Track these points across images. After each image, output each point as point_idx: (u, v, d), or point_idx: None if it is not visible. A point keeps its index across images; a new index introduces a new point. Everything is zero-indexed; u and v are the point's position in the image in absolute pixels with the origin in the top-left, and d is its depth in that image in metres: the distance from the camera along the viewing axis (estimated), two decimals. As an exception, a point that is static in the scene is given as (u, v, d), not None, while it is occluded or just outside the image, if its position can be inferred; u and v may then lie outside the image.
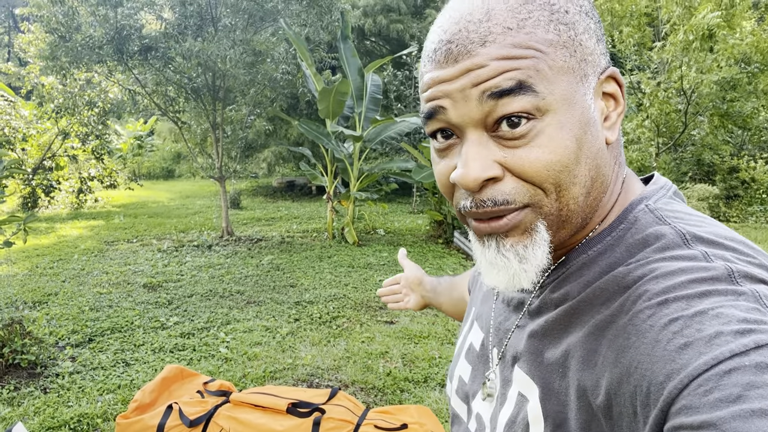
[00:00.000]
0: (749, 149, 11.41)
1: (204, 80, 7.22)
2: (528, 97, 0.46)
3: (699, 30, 8.04)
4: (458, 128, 0.50)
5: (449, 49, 0.48)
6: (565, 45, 0.47)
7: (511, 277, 0.51)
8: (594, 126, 0.50)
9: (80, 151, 10.45)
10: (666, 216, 0.51)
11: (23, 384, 3.25)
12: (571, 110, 0.48)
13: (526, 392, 0.54)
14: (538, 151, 0.47)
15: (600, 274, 0.50)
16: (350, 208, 7.81)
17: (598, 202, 0.52)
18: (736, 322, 0.39)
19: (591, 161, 0.49)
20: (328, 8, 7.47)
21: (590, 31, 0.50)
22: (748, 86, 9.67)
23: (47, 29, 6.69)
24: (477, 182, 0.48)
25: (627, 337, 0.44)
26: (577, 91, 0.48)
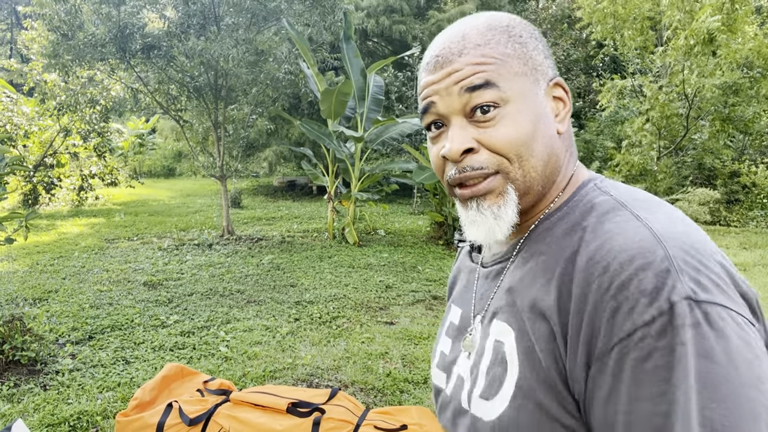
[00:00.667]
0: (750, 154, 11.40)
1: (206, 79, 7.22)
2: (493, 90, 0.64)
3: (700, 34, 8.05)
4: (445, 117, 0.68)
5: (437, 60, 0.67)
6: (519, 57, 0.66)
7: (487, 230, 0.67)
8: (546, 117, 0.67)
9: (81, 148, 10.46)
10: (608, 190, 0.66)
11: (23, 381, 3.26)
12: (527, 102, 0.65)
13: (502, 338, 0.66)
14: (503, 130, 0.64)
15: (561, 234, 0.65)
16: (351, 209, 7.82)
17: (554, 176, 0.69)
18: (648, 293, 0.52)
19: (545, 141, 0.66)
20: (331, 8, 7.48)
21: (538, 50, 0.68)
22: (749, 91, 9.67)
23: (50, 27, 6.69)
24: (459, 152, 0.65)
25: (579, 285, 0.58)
26: (530, 89, 0.66)
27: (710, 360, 0.49)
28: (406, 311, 4.78)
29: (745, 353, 0.50)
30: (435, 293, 5.31)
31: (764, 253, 7.26)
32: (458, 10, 13.03)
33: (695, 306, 0.51)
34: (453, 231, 7.73)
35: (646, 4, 9.54)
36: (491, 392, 0.66)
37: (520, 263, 0.69)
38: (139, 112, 9.04)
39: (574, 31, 14.36)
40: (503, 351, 0.65)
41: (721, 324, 0.51)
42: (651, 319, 0.51)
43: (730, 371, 0.49)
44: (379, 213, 10.26)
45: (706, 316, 0.50)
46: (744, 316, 0.53)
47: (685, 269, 0.53)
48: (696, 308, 0.51)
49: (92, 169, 11.34)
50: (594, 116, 13.51)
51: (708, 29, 7.86)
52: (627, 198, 0.63)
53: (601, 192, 0.66)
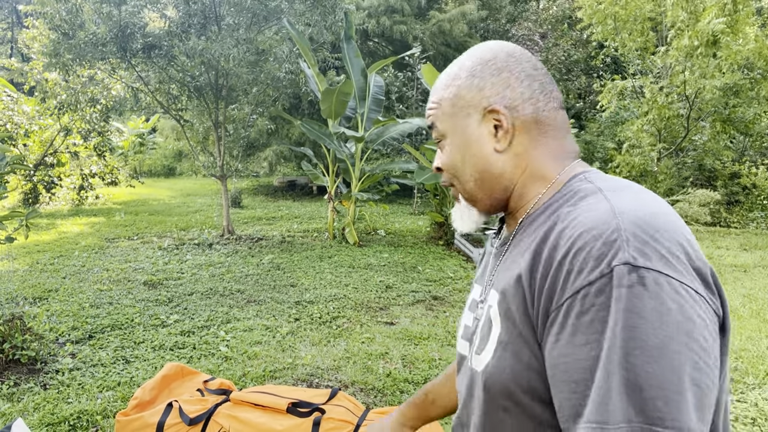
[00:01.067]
0: (751, 155, 11.40)
1: (207, 79, 7.22)
2: (435, 130, 0.86)
3: (704, 35, 8.04)
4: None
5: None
6: (449, 99, 0.83)
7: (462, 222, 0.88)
8: (477, 143, 0.81)
9: (82, 147, 10.46)
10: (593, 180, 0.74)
11: (23, 380, 3.25)
12: (455, 136, 0.83)
13: (491, 302, 0.78)
14: (443, 157, 0.86)
15: (544, 218, 0.74)
16: (351, 209, 7.81)
17: (500, 186, 0.82)
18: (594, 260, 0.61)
19: (474, 162, 0.82)
20: (332, 8, 7.47)
21: (472, 86, 0.81)
22: (750, 92, 9.67)
23: (50, 26, 6.69)
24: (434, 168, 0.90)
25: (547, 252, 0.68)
26: (459, 124, 0.82)
27: (639, 315, 0.56)
28: (407, 311, 4.77)
29: (677, 315, 0.57)
30: (435, 293, 5.31)
31: (764, 254, 7.26)
32: (459, 10, 13.03)
33: (633, 270, 0.58)
34: (453, 231, 7.72)
35: (647, 5, 9.54)
36: (481, 347, 0.78)
37: (513, 243, 0.81)
38: (139, 111, 9.07)
39: (575, 32, 14.35)
40: (490, 313, 0.77)
41: (656, 287, 0.57)
42: (594, 280, 0.60)
43: (657, 327, 0.56)
44: (380, 213, 10.25)
45: (642, 279, 0.57)
46: (688, 285, 0.59)
47: (631, 240, 0.60)
48: (633, 272, 0.58)
49: (92, 168, 11.33)
50: (594, 117, 13.51)
51: (713, 31, 7.86)
52: (606, 185, 0.71)
53: (586, 181, 0.75)
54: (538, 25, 14.59)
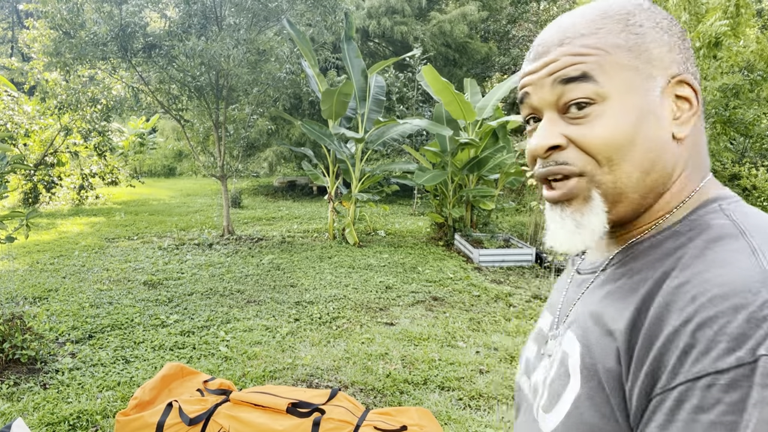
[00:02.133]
0: (751, 157, 11.41)
1: (207, 79, 7.23)
2: (590, 84, 0.58)
3: (706, 37, 8.05)
4: (538, 110, 0.64)
5: (537, 50, 0.64)
6: (630, 49, 0.59)
7: (566, 239, 0.63)
8: (656, 119, 0.59)
9: (82, 147, 10.46)
10: (731, 214, 0.57)
11: (23, 379, 3.25)
12: (631, 100, 0.58)
13: (569, 350, 0.63)
14: (597, 129, 0.59)
15: (662, 254, 0.58)
16: (351, 209, 7.82)
17: (660, 188, 0.61)
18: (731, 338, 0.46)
19: (648, 145, 0.59)
20: (332, 9, 7.48)
21: (661, 41, 0.61)
22: (750, 94, 9.67)
23: (51, 25, 6.70)
24: (543, 148, 0.62)
25: (657, 309, 0.52)
26: (639, 85, 0.59)
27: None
28: (406, 312, 4.77)
29: None
30: (435, 294, 5.31)
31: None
32: (460, 11, 13.03)
33: None
34: (453, 232, 7.73)
35: (648, 6, 9.55)
36: (550, 405, 0.63)
37: (611, 277, 0.64)
38: (139, 111, 9.05)
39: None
40: (567, 364, 0.62)
41: None
42: (726, 368, 0.45)
43: None
44: (380, 214, 10.25)
45: None
46: None
47: None
48: None
49: (93, 168, 11.34)
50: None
51: (716, 33, 7.87)
52: (750, 225, 0.54)
53: (723, 215, 0.58)
54: (538, 26, 14.59)
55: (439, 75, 6.76)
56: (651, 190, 0.60)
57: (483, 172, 7.59)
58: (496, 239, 7.55)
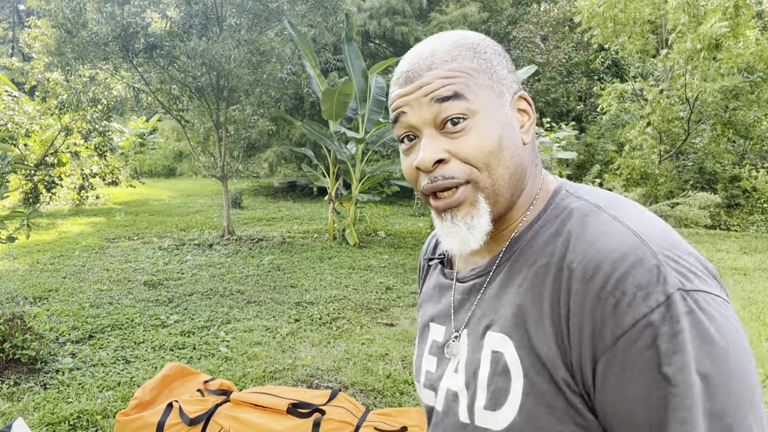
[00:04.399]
0: (751, 158, 11.41)
1: (208, 79, 7.23)
2: (461, 102, 0.66)
3: (706, 39, 8.05)
4: (416, 129, 0.70)
5: (407, 75, 0.70)
6: (485, 71, 0.69)
7: (461, 240, 0.70)
8: (511, 128, 0.69)
9: (83, 147, 10.47)
10: (581, 195, 0.70)
11: (23, 379, 3.26)
12: (493, 114, 0.68)
13: (501, 348, 0.67)
14: (472, 140, 0.67)
15: (545, 241, 0.67)
16: (351, 210, 7.82)
17: (521, 185, 0.71)
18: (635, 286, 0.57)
19: (512, 151, 0.68)
20: (333, 10, 7.48)
21: (502, 65, 0.71)
22: (750, 95, 9.68)
23: (54, 24, 6.70)
24: (431, 162, 0.67)
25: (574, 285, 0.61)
26: (495, 101, 0.69)
27: (709, 342, 0.55)
28: (406, 313, 4.78)
29: (731, 329, 0.56)
30: (435, 295, 5.31)
31: (764, 257, 7.26)
32: (460, 12, 13.04)
33: (686, 295, 0.56)
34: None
35: (647, 8, 9.55)
36: (497, 402, 0.66)
37: (507, 275, 0.70)
38: (140, 111, 9.06)
39: (576, 35, 14.37)
40: (504, 360, 0.66)
41: (708, 308, 0.56)
42: (650, 310, 0.55)
43: (726, 349, 0.55)
44: (380, 214, 10.26)
45: (697, 303, 0.56)
46: (720, 296, 0.59)
47: (669, 263, 0.58)
48: (687, 297, 0.56)
49: (93, 168, 11.34)
50: (595, 120, 13.53)
51: (716, 34, 7.88)
52: (600, 201, 0.67)
53: (575, 197, 0.70)
54: (539, 28, 14.59)
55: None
56: (516, 188, 0.70)
57: (483, 173, 7.58)
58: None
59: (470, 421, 0.70)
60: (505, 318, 0.68)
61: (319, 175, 8.31)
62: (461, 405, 0.72)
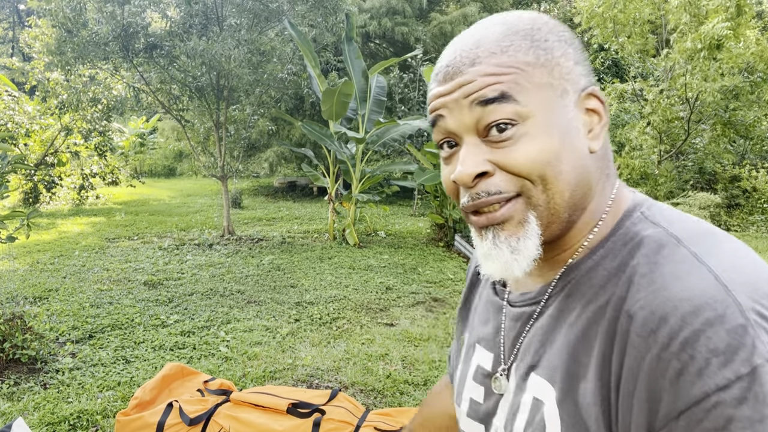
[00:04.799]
0: (751, 158, 11.42)
1: (208, 79, 7.23)
2: (510, 105, 0.55)
3: (707, 39, 8.05)
4: (456, 135, 0.59)
5: (447, 71, 0.59)
6: (543, 65, 0.57)
7: (503, 266, 0.59)
8: (575, 133, 0.58)
9: (83, 147, 10.47)
10: (658, 221, 0.57)
11: (23, 379, 3.26)
12: (551, 117, 0.56)
13: (542, 396, 0.58)
14: (523, 149, 0.55)
15: (605, 277, 0.56)
16: (351, 210, 7.82)
17: (584, 203, 0.59)
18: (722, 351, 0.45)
19: (574, 162, 0.57)
20: (334, 10, 7.49)
21: (568, 55, 0.59)
22: (750, 95, 9.68)
23: (54, 23, 6.70)
24: (470, 176, 0.57)
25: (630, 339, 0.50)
26: (556, 102, 0.57)
27: None
28: (407, 313, 4.78)
29: None
30: (435, 295, 5.31)
31: (765, 257, 7.25)
32: (460, 12, 13.04)
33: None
34: (453, 233, 7.73)
35: (647, 8, 9.55)
36: None
37: (559, 309, 0.60)
38: (140, 111, 9.06)
39: (576, 35, 14.37)
40: (542, 412, 0.57)
41: None
42: (726, 384, 0.43)
43: None
44: (380, 214, 10.26)
45: None
46: None
47: (761, 324, 0.45)
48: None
49: (93, 168, 11.34)
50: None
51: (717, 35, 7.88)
52: (681, 231, 0.54)
53: (650, 223, 0.57)
54: (539, 28, 14.61)
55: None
56: (577, 207, 0.58)
57: (483, 173, 7.58)
58: (497, 240, 7.54)
59: None
60: (551, 362, 0.58)
61: (319, 175, 8.31)
62: None
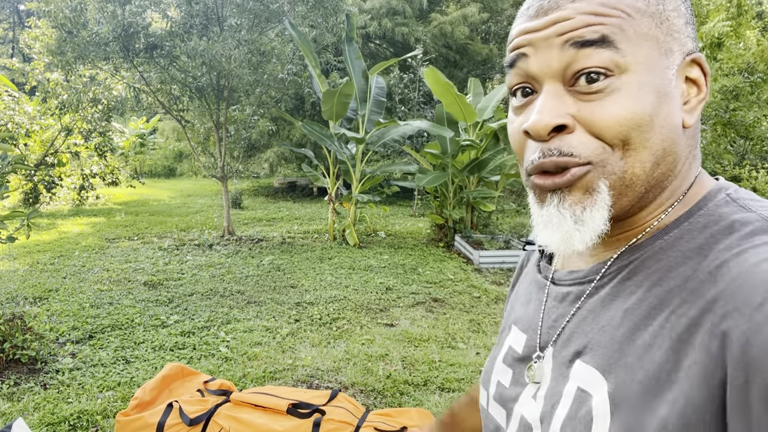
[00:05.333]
0: (751, 159, 11.42)
1: (208, 79, 7.23)
2: (609, 52, 0.48)
3: (708, 38, 8.07)
4: (536, 80, 0.52)
5: (541, 4, 0.52)
6: (652, 15, 0.50)
7: (564, 235, 0.52)
8: (672, 100, 0.51)
9: (83, 147, 10.47)
10: (749, 205, 0.50)
11: (23, 379, 3.26)
12: (651, 76, 0.49)
13: (588, 387, 0.51)
14: (612, 107, 0.48)
15: (682, 260, 0.49)
16: (351, 210, 7.82)
17: (666, 179, 0.52)
18: None
19: (665, 131, 0.50)
20: (334, 10, 7.49)
21: (680, 11, 0.52)
22: (750, 96, 9.68)
23: (54, 24, 6.70)
24: (547, 128, 0.50)
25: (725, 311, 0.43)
26: (659, 61, 0.50)
27: None
28: (407, 313, 4.78)
29: None
30: (435, 295, 5.31)
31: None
32: (460, 12, 13.05)
33: None
34: (453, 233, 7.73)
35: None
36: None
37: (613, 291, 0.53)
38: (140, 111, 9.06)
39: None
40: (589, 405, 0.50)
41: None
42: None
43: None
44: (380, 215, 10.26)
45: None
46: None
47: None
48: None
49: (93, 168, 11.34)
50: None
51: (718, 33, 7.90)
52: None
53: (739, 207, 0.50)
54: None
55: (443, 76, 6.75)
56: (657, 184, 0.52)
57: (483, 174, 7.60)
58: (497, 241, 7.55)
59: None
60: (604, 349, 0.51)
61: (320, 176, 8.31)
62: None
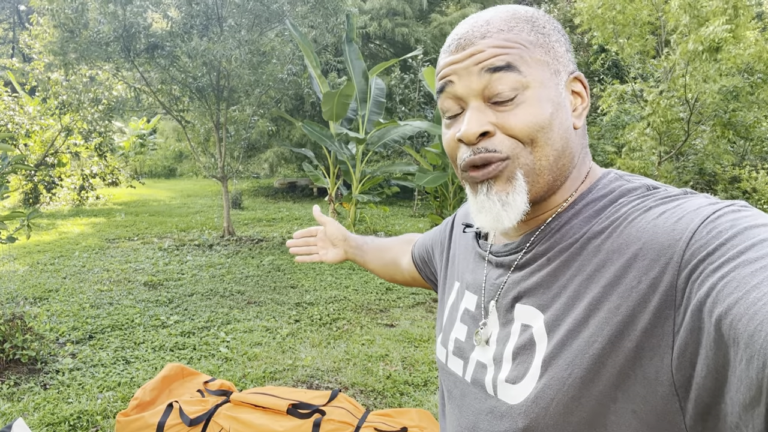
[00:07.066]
0: (751, 159, 11.42)
1: (209, 80, 7.23)
2: (514, 74, 0.64)
3: (707, 41, 8.07)
4: (462, 99, 0.67)
5: (459, 42, 0.67)
6: (542, 45, 0.66)
7: (494, 217, 0.67)
8: (564, 108, 0.67)
9: (83, 148, 10.46)
10: (633, 179, 0.67)
11: (23, 380, 3.26)
12: (547, 90, 0.65)
13: (529, 321, 0.66)
14: (522, 114, 0.64)
15: (588, 220, 0.65)
16: (352, 211, 7.82)
17: (566, 171, 0.68)
18: (707, 204, 0.57)
19: (562, 132, 0.66)
20: (334, 11, 7.49)
21: (561, 42, 0.68)
22: (750, 96, 9.68)
23: (55, 23, 6.70)
24: (475, 135, 0.65)
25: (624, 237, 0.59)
26: (551, 79, 0.66)
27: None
28: (407, 314, 4.78)
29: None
30: (435, 296, 5.31)
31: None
32: (460, 13, 13.05)
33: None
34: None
35: (645, 9, 9.55)
36: (518, 375, 0.65)
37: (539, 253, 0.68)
38: (141, 111, 9.05)
39: (576, 36, 14.38)
40: (530, 332, 0.65)
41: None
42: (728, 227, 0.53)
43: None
44: (380, 215, 10.25)
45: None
46: None
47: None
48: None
49: (93, 168, 11.34)
50: (595, 121, 13.53)
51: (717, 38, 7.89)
52: (652, 183, 0.65)
53: (626, 180, 0.67)
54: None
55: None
56: (561, 173, 0.67)
57: (483, 174, 7.59)
58: (497, 241, 7.54)
59: (494, 393, 0.69)
60: (536, 291, 0.66)
61: (320, 176, 8.32)
62: (488, 376, 0.71)
